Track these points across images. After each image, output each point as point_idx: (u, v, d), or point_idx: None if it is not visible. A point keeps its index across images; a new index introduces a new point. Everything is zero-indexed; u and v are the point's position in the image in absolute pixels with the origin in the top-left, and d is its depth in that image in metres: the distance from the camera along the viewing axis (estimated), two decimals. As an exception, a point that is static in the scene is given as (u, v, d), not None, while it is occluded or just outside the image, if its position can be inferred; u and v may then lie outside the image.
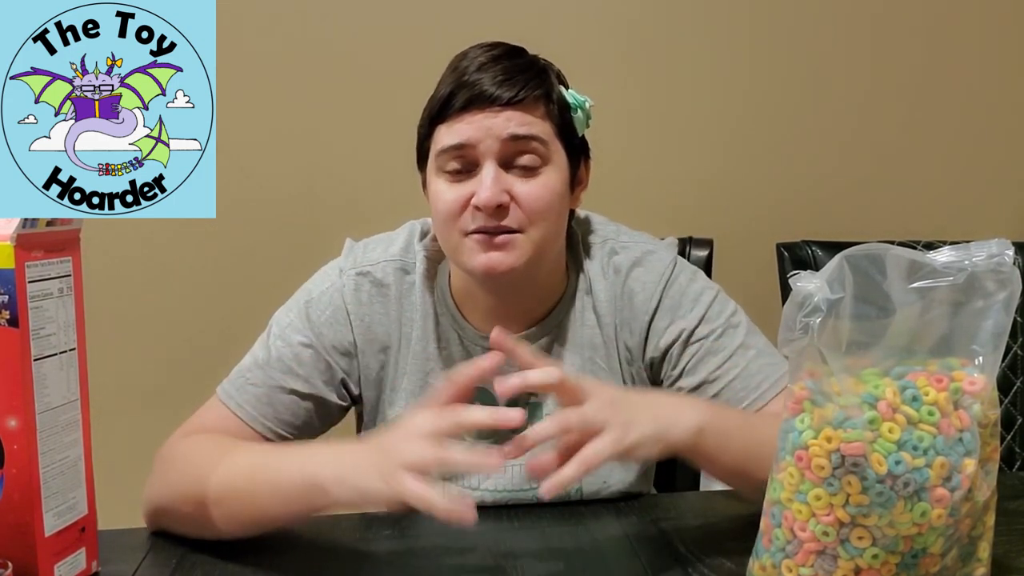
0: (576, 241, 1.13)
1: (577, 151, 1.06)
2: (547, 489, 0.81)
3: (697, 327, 1.07)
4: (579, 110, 1.04)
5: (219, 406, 1.06)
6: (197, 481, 0.93)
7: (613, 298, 1.10)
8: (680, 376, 1.08)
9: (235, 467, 0.93)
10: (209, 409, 1.07)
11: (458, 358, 1.10)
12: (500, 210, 0.98)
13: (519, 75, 1.00)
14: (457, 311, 1.10)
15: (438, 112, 1.01)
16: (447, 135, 1.00)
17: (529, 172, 1.00)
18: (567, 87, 1.06)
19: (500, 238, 0.99)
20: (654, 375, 1.12)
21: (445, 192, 1.01)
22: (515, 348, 0.89)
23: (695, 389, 1.07)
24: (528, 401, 1.09)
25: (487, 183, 0.97)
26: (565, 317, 1.11)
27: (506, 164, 1.00)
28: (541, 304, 1.10)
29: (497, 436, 1.10)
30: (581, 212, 1.16)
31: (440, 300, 1.10)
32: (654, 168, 1.90)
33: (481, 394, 1.10)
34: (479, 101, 0.98)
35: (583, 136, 1.07)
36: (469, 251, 1.00)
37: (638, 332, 1.10)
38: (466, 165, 1.00)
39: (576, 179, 1.07)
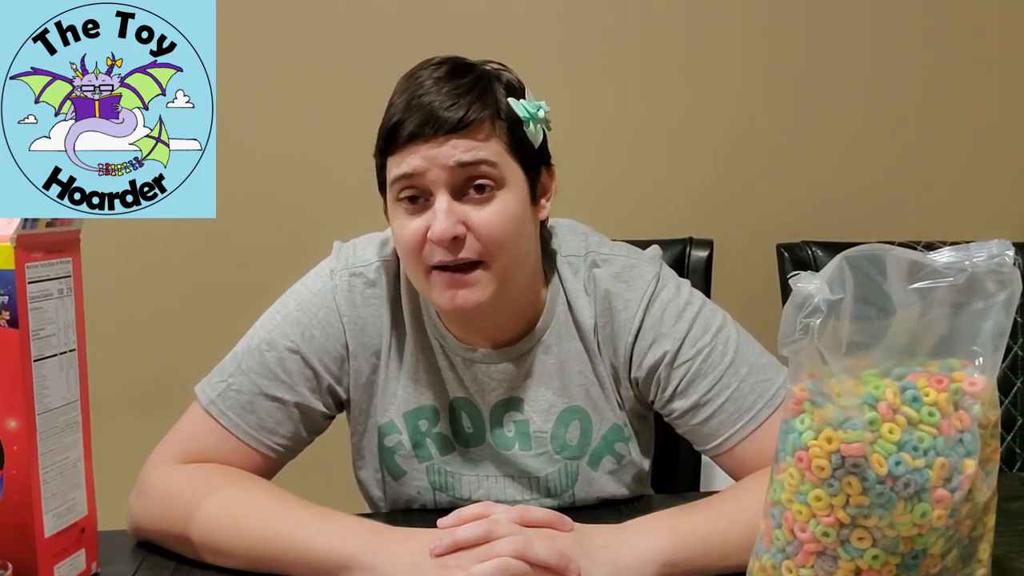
0: (553, 252, 1.09)
1: (535, 163, 1.03)
2: None
3: (681, 347, 1.03)
4: (531, 122, 1.00)
5: (203, 416, 1.03)
6: (189, 526, 0.93)
7: (595, 315, 1.07)
8: (671, 399, 1.05)
9: (249, 530, 0.91)
10: (194, 419, 1.05)
11: (443, 367, 1.08)
12: (456, 242, 0.96)
13: (462, 99, 0.96)
14: (439, 319, 1.07)
15: (385, 145, 0.99)
16: (396, 167, 0.98)
17: (483, 199, 0.97)
18: (520, 96, 1.01)
19: (462, 276, 0.97)
20: (642, 394, 1.09)
21: (404, 226, 0.98)
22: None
23: (687, 412, 1.04)
24: (515, 420, 1.09)
25: (439, 216, 0.95)
26: (547, 333, 1.07)
27: (459, 192, 0.97)
28: (520, 319, 1.07)
29: (464, 440, 1.10)
30: (563, 220, 1.13)
31: (424, 307, 1.08)
32: (654, 168, 1.90)
33: (463, 403, 1.09)
34: (422, 132, 0.95)
35: (543, 143, 1.03)
36: (433, 288, 0.99)
37: (622, 352, 1.06)
38: (420, 193, 0.97)
39: (538, 191, 1.04)
